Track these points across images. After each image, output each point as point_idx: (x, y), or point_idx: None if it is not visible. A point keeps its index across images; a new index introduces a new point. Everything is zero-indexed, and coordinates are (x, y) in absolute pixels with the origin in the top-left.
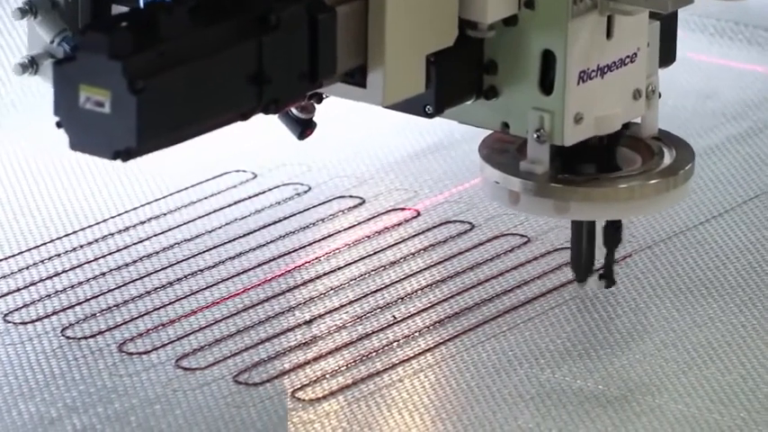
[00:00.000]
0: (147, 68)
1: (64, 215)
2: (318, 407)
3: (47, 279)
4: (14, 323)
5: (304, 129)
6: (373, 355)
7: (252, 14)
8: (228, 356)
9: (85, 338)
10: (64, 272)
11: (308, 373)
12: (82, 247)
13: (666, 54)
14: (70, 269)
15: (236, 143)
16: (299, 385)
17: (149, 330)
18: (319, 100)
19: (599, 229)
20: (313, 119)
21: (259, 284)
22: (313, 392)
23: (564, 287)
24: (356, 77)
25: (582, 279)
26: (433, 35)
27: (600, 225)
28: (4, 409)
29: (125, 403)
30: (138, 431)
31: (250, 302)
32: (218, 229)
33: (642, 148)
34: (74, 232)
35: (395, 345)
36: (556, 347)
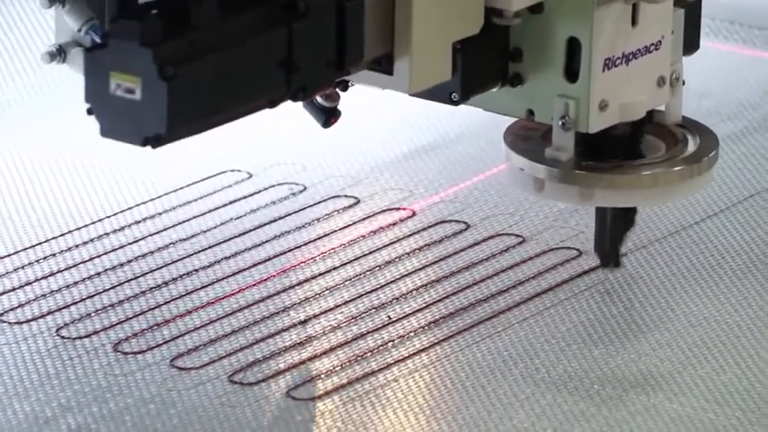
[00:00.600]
0: (178, 56)
1: (59, 215)
2: (313, 406)
3: (42, 279)
4: (9, 323)
5: (328, 117)
6: (368, 354)
7: (281, 2)
8: (223, 356)
9: (80, 338)
10: (59, 272)
11: (303, 373)
12: (77, 246)
13: (690, 42)
14: (65, 269)
15: (231, 143)
16: (293, 385)
17: (144, 330)
18: (345, 88)
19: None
20: (338, 107)
21: (254, 284)
22: (308, 392)
23: (559, 287)
24: (383, 65)
25: (606, 264)
26: (459, 23)
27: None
28: None
29: (120, 403)
30: (133, 431)
31: (245, 302)
32: (214, 228)
33: (666, 135)
34: (69, 232)
35: (390, 345)
36: (551, 347)
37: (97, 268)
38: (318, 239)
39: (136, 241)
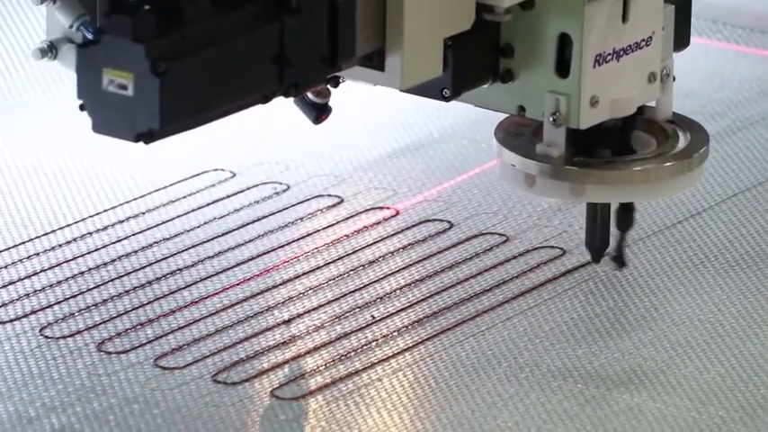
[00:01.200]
0: (170, 51)
1: (42, 214)
2: (297, 406)
3: (25, 278)
4: None
5: (319, 113)
6: (352, 354)
7: None
8: (207, 356)
9: (64, 338)
10: (42, 271)
11: (287, 373)
12: (60, 246)
13: (681, 38)
14: (48, 268)
15: (214, 142)
16: (277, 384)
17: (128, 330)
18: (336, 84)
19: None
20: (329, 103)
21: (238, 284)
22: (292, 392)
23: (543, 286)
24: (374, 61)
25: (597, 260)
26: (450, 19)
27: (613, 208)
28: None
29: (103, 402)
30: (117, 430)
31: (229, 302)
32: (197, 228)
33: (657, 131)
34: (52, 231)
35: (373, 344)
36: (534, 347)
37: (80, 267)
38: (302, 239)
39: (119, 240)
